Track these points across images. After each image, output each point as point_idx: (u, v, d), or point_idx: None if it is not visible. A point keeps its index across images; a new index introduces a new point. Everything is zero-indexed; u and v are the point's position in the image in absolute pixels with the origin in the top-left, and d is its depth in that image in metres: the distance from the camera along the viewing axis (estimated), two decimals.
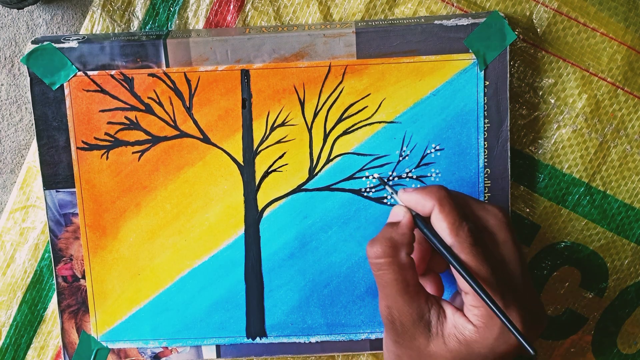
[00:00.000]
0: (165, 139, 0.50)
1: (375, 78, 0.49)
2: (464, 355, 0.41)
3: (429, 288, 0.46)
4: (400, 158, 0.50)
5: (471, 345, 0.40)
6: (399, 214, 0.43)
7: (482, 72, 0.49)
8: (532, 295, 0.42)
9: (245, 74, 0.49)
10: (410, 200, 0.43)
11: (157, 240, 0.52)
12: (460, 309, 0.42)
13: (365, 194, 0.51)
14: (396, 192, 0.45)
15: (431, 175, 0.51)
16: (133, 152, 0.51)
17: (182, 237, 0.52)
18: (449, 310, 0.42)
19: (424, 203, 0.42)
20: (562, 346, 0.55)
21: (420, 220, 0.43)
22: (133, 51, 0.49)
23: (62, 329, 0.53)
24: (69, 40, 0.49)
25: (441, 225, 0.42)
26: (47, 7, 0.52)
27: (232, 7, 0.51)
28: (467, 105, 0.50)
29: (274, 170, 0.51)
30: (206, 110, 0.50)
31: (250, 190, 0.51)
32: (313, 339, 0.53)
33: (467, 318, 0.41)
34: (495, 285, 0.40)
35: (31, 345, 0.54)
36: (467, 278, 0.40)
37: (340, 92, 0.50)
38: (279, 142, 0.50)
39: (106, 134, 0.50)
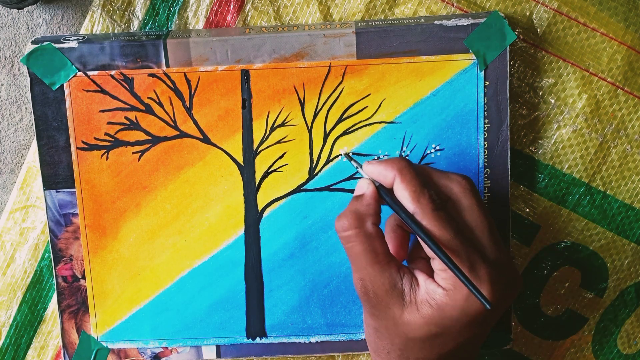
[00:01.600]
0: (165, 139, 0.50)
1: (375, 78, 0.49)
2: (437, 320, 0.41)
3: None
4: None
5: (443, 308, 0.41)
6: (363, 187, 0.44)
7: (482, 72, 0.49)
8: (504, 259, 0.42)
9: (245, 74, 0.49)
10: (373, 172, 0.44)
11: (157, 240, 0.52)
12: (431, 275, 0.42)
13: None
14: (361, 166, 0.45)
15: None
16: (133, 152, 0.51)
17: (182, 237, 0.52)
18: (421, 277, 0.42)
19: (385, 174, 0.43)
20: (562, 346, 0.55)
21: (383, 191, 0.43)
22: (133, 51, 0.49)
23: (62, 329, 0.53)
24: (69, 40, 0.49)
25: (403, 194, 0.42)
26: (47, 7, 0.52)
27: (232, 7, 0.51)
28: (467, 105, 0.50)
29: (274, 171, 0.51)
30: (206, 111, 0.50)
31: (250, 190, 0.51)
32: (313, 339, 0.53)
33: (437, 283, 0.41)
34: (460, 249, 0.40)
35: (31, 345, 0.54)
36: (427, 241, 0.40)
37: (340, 92, 0.50)
38: (279, 142, 0.50)
39: (106, 134, 0.50)
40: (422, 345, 0.42)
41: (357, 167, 0.46)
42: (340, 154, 0.50)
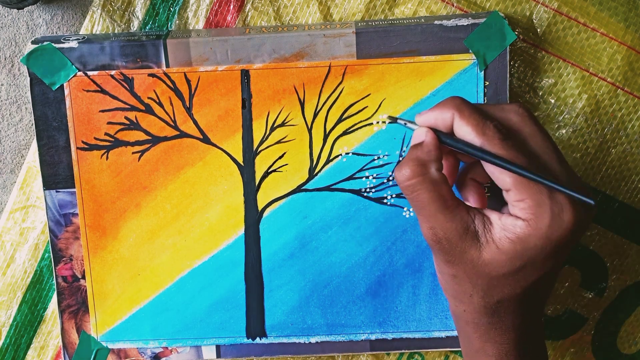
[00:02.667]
0: (165, 139, 0.50)
1: (375, 78, 0.49)
2: (520, 252, 0.40)
3: (472, 202, 0.45)
4: (401, 158, 0.50)
5: (525, 240, 0.39)
6: (420, 135, 0.42)
7: (482, 72, 0.49)
8: (577, 182, 0.41)
9: (245, 74, 0.49)
10: (429, 119, 0.42)
11: (157, 240, 0.52)
12: (499, 210, 0.41)
13: (365, 194, 0.51)
14: (411, 122, 0.44)
15: None
16: (133, 152, 0.51)
17: (182, 238, 0.52)
18: (493, 216, 0.41)
19: (443, 117, 0.42)
20: (562, 346, 0.55)
21: (443, 135, 0.42)
22: (133, 51, 0.49)
23: (62, 329, 0.53)
24: (69, 40, 0.49)
25: (465, 130, 0.41)
26: (47, 7, 0.52)
27: (232, 7, 0.51)
28: None
29: (274, 171, 0.51)
30: (206, 111, 0.50)
31: (250, 190, 0.51)
32: (313, 340, 0.53)
33: (515, 215, 0.40)
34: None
35: (31, 345, 0.54)
36: (507, 166, 0.39)
37: (340, 92, 0.50)
38: (279, 142, 0.50)
39: (106, 134, 0.50)
40: (506, 281, 0.41)
41: (407, 125, 0.44)
42: (384, 121, 0.49)
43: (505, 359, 0.43)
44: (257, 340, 0.53)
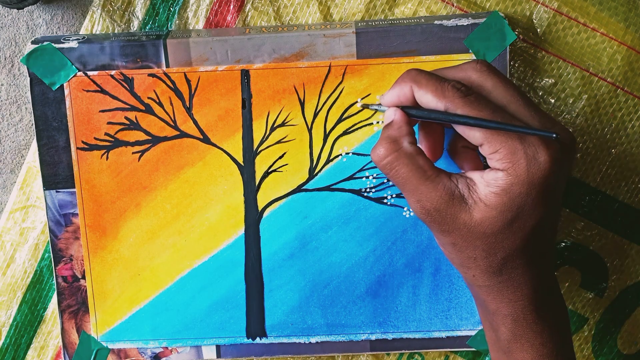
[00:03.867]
0: (165, 139, 0.50)
1: (375, 78, 0.49)
2: (508, 204, 0.40)
3: (468, 168, 0.45)
4: None
5: (509, 190, 0.40)
6: (390, 115, 0.43)
7: None
8: (548, 123, 0.41)
9: (245, 74, 0.49)
10: (392, 98, 0.43)
11: (157, 240, 0.52)
12: (482, 168, 0.42)
13: (365, 194, 0.51)
14: (378, 104, 0.45)
15: None
16: (133, 152, 0.51)
17: (182, 237, 0.52)
18: (475, 175, 0.41)
19: (403, 92, 0.42)
20: None
21: (409, 109, 0.42)
22: (133, 51, 0.49)
23: (62, 329, 0.53)
24: (69, 40, 0.49)
25: (426, 98, 0.41)
26: (47, 7, 0.52)
27: (232, 7, 0.51)
28: None
29: (274, 171, 0.51)
30: (206, 111, 0.50)
31: (250, 190, 0.51)
32: (313, 340, 0.53)
33: (495, 168, 0.40)
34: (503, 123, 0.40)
35: (31, 345, 0.54)
36: (470, 122, 0.39)
37: (341, 92, 0.50)
38: (279, 142, 0.50)
39: (106, 134, 0.50)
40: (504, 236, 0.41)
41: (375, 107, 0.46)
42: (357, 102, 0.49)
43: (522, 317, 0.42)
44: (257, 340, 0.53)
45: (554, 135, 0.38)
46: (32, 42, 0.49)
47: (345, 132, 0.50)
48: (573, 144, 0.42)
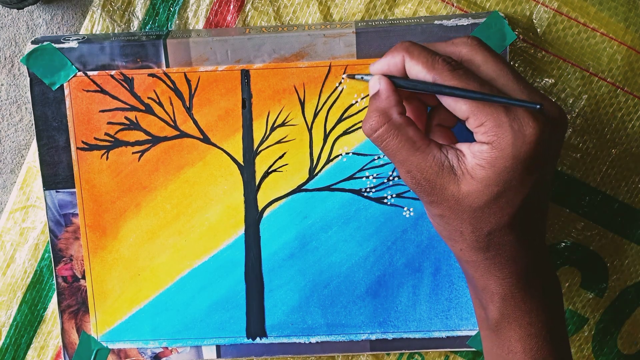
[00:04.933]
0: (165, 139, 0.50)
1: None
2: (494, 178, 0.40)
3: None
4: None
5: (494, 164, 0.39)
6: (375, 85, 0.43)
7: None
8: (537, 97, 0.41)
9: (245, 74, 0.49)
10: (382, 67, 0.43)
11: (157, 240, 0.52)
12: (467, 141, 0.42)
13: (365, 194, 0.51)
14: (366, 74, 0.45)
15: None
16: (133, 152, 0.51)
17: (182, 237, 0.52)
18: (464, 147, 0.41)
19: (394, 61, 0.42)
20: None
21: (396, 79, 0.42)
22: (133, 51, 0.49)
23: (62, 329, 0.53)
24: (69, 40, 0.49)
25: (416, 69, 0.41)
26: (47, 7, 0.52)
27: (232, 7, 0.51)
28: None
29: (274, 171, 0.51)
30: (206, 111, 0.50)
31: (250, 190, 0.51)
32: (313, 339, 0.53)
33: (481, 141, 0.40)
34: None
35: (31, 345, 0.54)
36: (459, 93, 0.39)
37: (341, 92, 0.50)
38: (279, 142, 0.50)
39: (106, 134, 0.50)
40: (490, 210, 0.41)
41: (364, 78, 0.46)
42: (343, 79, 0.50)
43: (510, 295, 0.42)
44: (257, 340, 0.53)
45: (538, 106, 0.37)
46: (32, 42, 0.49)
47: (345, 132, 0.50)
48: (563, 119, 0.41)
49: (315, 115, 0.50)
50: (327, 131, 0.50)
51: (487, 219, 0.41)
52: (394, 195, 0.51)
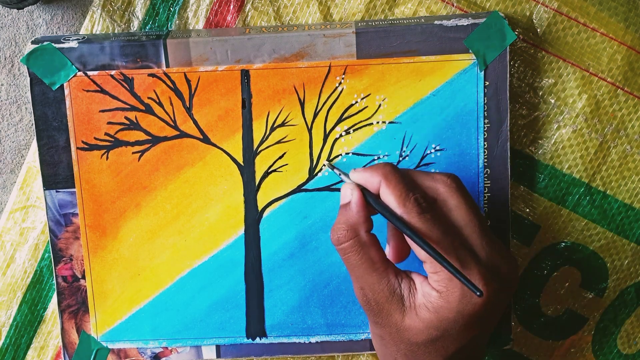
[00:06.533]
0: (165, 139, 0.50)
1: (375, 78, 0.49)
2: (435, 323, 0.41)
3: (390, 249, 0.46)
4: (401, 158, 0.50)
5: (439, 311, 0.41)
6: (347, 194, 0.44)
7: (482, 72, 0.49)
8: (496, 258, 0.42)
9: (245, 74, 0.49)
10: (360, 179, 0.44)
11: (157, 240, 0.52)
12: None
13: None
14: (346, 174, 0.46)
15: None
16: (133, 152, 0.51)
17: (182, 237, 0.52)
18: (418, 281, 0.42)
19: (371, 180, 0.43)
20: (562, 346, 0.55)
21: (369, 196, 0.43)
22: (133, 51, 0.49)
23: (62, 329, 0.53)
24: (69, 40, 0.49)
25: (389, 199, 0.42)
26: (47, 7, 0.52)
27: (232, 7, 0.51)
28: (467, 105, 0.50)
29: (274, 171, 0.51)
30: (206, 111, 0.50)
31: (250, 190, 0.51)
32: (313, 339, 0.53)
33: (431, 285, 0.41)
34: (450, 249, 0.40)
35: (31, 345, 0.54)
36: (418, 241, 0.40)
37: (341, 92, 0.50)
38: (279, 142, 0.50)
39: (106, 134, 0.50)
40: (425, 349, 0.42)
41: (341, 175, 0.47)
42: (324, 165, 0.50)
43: None
44: (257, 340, 0.53)
45: (478, 294, 0.38)
46: (32, 42, 0.49)
47: (345, 132, 0.50)
48: (515, 280, 0.43)
49: (315, 115, 0.50)
50: (327, 131, 0.50)
51: (422, 356, 0.42)
52: None
